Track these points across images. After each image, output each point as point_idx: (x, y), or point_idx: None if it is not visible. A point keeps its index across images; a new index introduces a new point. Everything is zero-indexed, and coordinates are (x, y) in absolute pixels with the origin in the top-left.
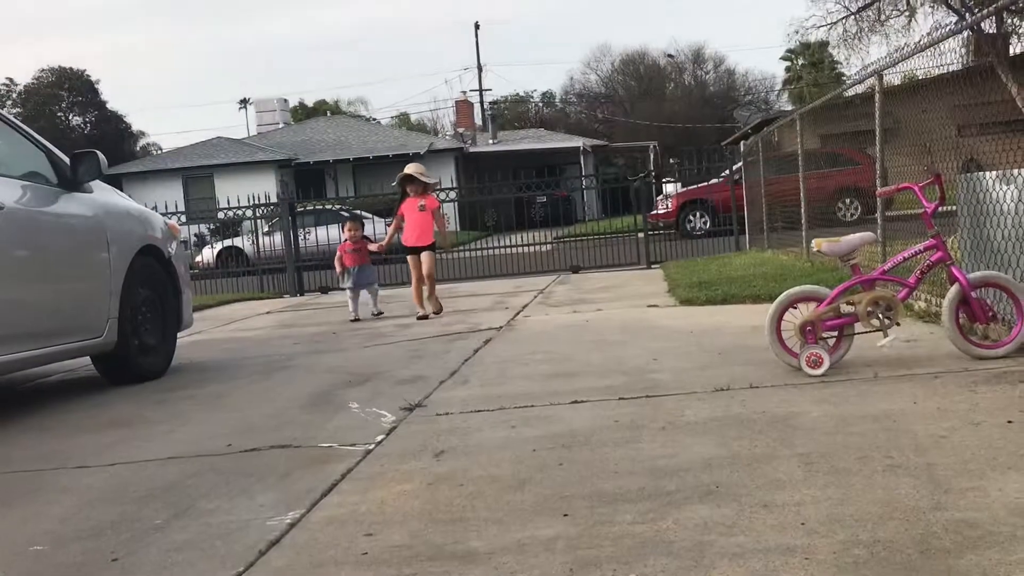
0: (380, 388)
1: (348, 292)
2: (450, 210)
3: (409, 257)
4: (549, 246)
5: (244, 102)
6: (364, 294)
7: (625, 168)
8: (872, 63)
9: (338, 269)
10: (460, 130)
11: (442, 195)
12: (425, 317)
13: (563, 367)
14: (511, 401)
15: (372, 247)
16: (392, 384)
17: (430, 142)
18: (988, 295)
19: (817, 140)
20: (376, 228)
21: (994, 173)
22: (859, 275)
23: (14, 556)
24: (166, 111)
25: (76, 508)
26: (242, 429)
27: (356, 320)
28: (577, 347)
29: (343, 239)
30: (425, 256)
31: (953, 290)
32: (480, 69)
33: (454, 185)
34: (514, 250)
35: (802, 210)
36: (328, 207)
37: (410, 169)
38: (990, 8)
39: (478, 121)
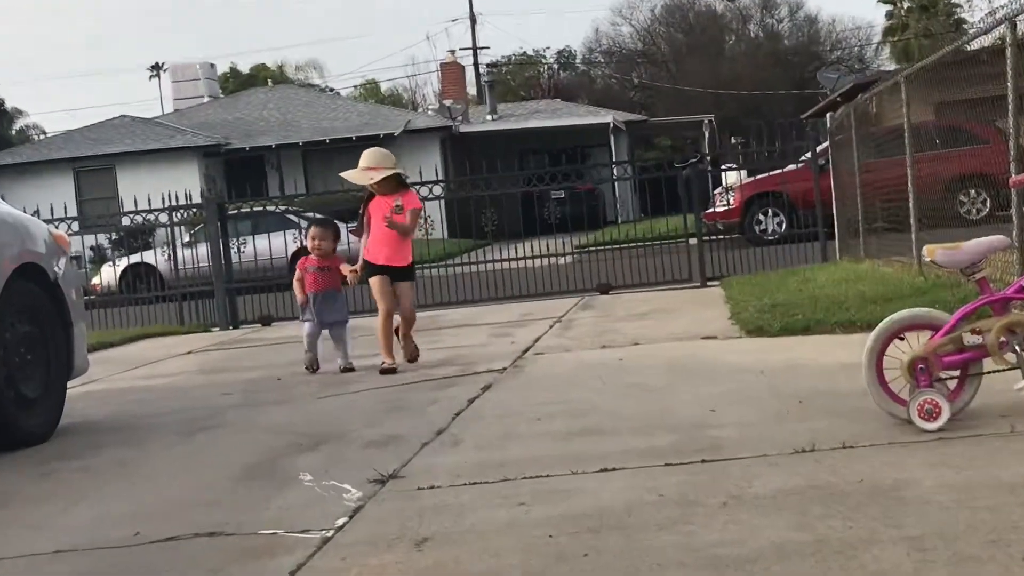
0: (341, 453)
1: (305, 328)
2: (434, 210)
3: (375, 280)
4: (569, 258)
5: (157, 69)
6: (326, 332)
7: (671, 151)
8: (1002, 5)
9: (299, 297)
10: (447, 102)
11: (424, 190)
12: (392, 371)
13: (588, 422)
14: (518, 469)
15: (345, 271)
16: (358, 447)
17: (407, 119)
18: None
19: (930, 111)
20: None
21: None
22: (988, 293)
23: None
24: (52, 83)
25: None
26: (155, 511)
27: (315, 370)
28: (607, 395)
29: (295, 250)
30: (405, 289)
31: None
32: (473, 21)
33: (440, 176)
34: (521, 264)
35: (911, 205)
36: (270, 208)
37: (362, 164)
38: None
39: (471, 90)
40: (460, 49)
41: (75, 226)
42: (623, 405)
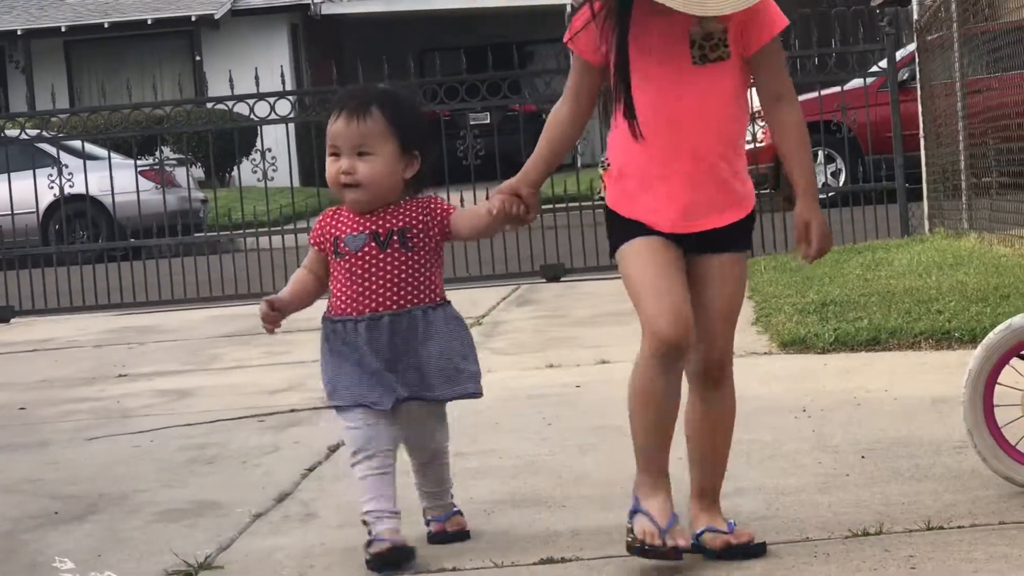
0: (123, 527)
1: (354, 431)
2: (279, 141)
3: (640, 250)
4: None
5: None
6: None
7: None
8: None
9: (269, 308)
10: None
11: (262, 108)
12: (670, 553)
13: (524, 485)
14: None
15: (499, 202)
16: (148, 518)
17: None
18: None
19: None
20: (117, 178)
21: None
22: None
23: None
24: None
25: None
26: None
27: (389, 554)
28: (555, 443)
29: (52, 201)
30: (731, 281)
31: None
32: None
33: (287, 86)
34: None
35: None
36: (11, 133)
37: None
38: None
39: None
40: None
41: None
42: (580, 460)
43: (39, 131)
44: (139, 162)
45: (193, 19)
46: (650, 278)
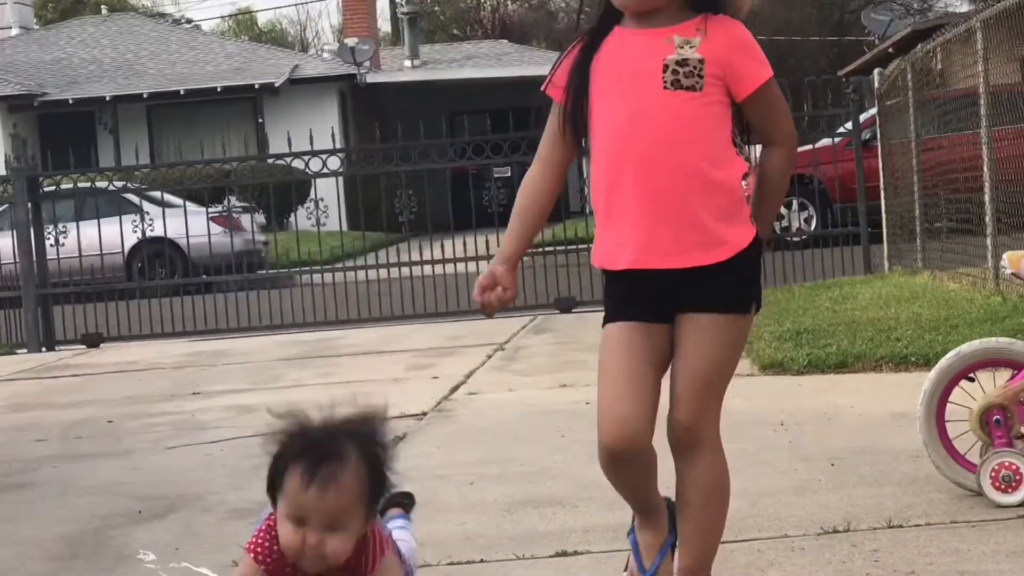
0: (197, 524)
1: None
2: (329, 191)
3: (614, 335)
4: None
5: None
6: None
7: None
8: None
9: None
10: (350, 42)
11: (315, 163)
12: None
13: (542, 489)
14: (443, 552)
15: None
16: (219, 517)
17: (293, 64)
18: None
19: (1016, 68)
20: (191, 223)
21: None
22: None
23: None
24: None
25: None
26: None
27: None
28: (568, 452)
29: (135, 243)
30: (705, 341)
31: None
32: None
33: (337, 144)
34: (450, 269)
35: (986, 198)
36: (101, 184)
37: None
38: None
39: (384, 26)
40: None
41: None
42: (589, 467)
43: (124, 183)
44: (210, 209)
45: (256, 87)
46: (611, 379)
